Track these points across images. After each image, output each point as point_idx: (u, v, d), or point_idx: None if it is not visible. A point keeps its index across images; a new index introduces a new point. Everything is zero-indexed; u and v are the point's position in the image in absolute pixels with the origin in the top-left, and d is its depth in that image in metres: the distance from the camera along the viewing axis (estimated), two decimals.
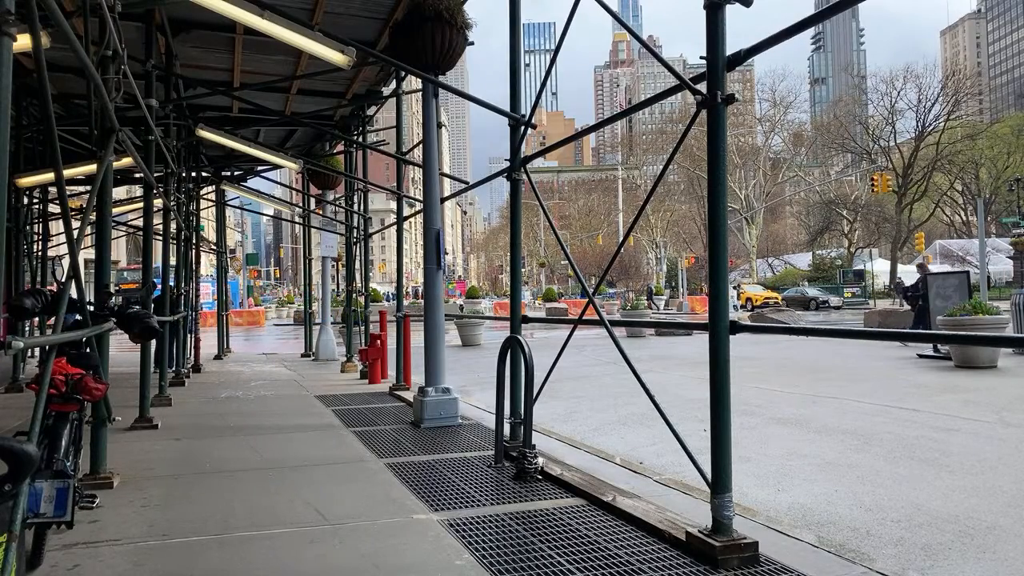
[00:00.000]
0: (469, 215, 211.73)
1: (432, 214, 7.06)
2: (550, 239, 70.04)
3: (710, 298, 3.50)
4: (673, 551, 3.41)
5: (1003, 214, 52.14)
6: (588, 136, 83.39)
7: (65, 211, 3.99)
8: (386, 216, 70.34)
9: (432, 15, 6.42)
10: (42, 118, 9.70)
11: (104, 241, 5.06)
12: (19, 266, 11.17)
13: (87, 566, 3.29)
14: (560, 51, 5.61)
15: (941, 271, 19.24)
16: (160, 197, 8.55)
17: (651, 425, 6.93)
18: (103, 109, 4.70)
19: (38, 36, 2.92)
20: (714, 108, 3.39)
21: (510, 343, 5.30)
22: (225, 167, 15.17)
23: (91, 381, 3.39)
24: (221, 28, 8.29)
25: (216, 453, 5.75)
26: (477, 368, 13.09)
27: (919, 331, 3.32)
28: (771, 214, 68.11)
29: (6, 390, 9.54)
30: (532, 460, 4.80)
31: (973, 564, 3.55)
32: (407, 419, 7.20)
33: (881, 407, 7.94)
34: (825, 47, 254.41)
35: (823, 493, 4.79)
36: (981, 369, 10.85)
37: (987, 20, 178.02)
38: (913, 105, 52.13)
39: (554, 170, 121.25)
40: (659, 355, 15.14)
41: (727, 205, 3.66)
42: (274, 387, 10.15)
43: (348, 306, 13.34)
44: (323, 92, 11.06)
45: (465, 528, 3.78)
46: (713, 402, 3.43)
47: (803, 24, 3.23)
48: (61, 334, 3.56)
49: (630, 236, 27.23)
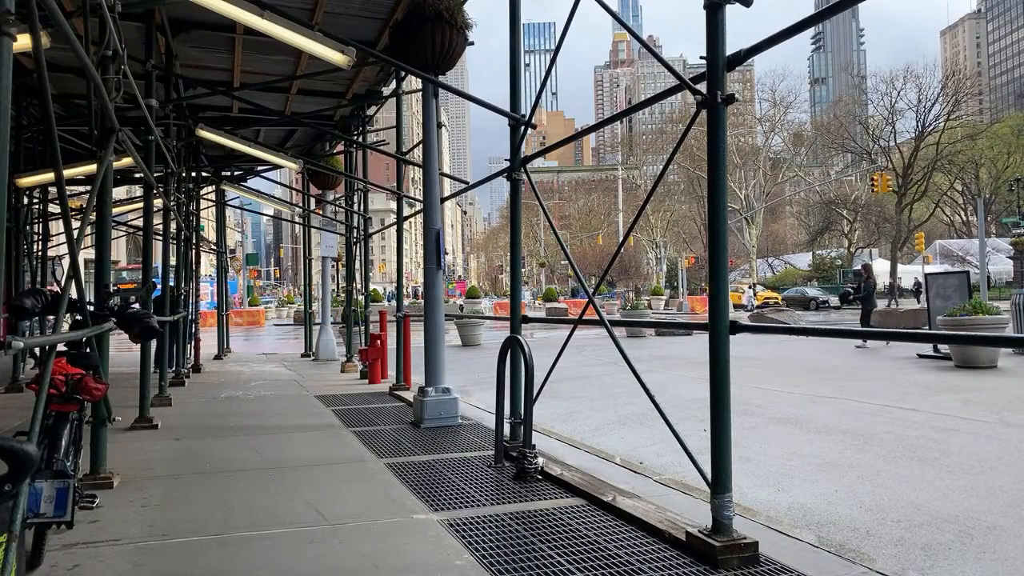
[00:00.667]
0: (469, 215, 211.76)
1: (432, 214, 7.06)
2: (550, 239, 70.04)
3: (710, 298, 3.50)
4: (673, 551, 3.41)
5: (1003, 214, 52.18)
6: (588, 136, 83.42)
7: (65, 211, 3.99)
8: (386, 216, 70.36)
9: (432, 15, 6.42)
10: (42, 118, 9.70)
11: (104, 241, 5.06)
12: (19, 266, 11.17)
13: (87, 566, 3.29)
14: (560, 51, 5.61)
15: (941, 271, 19.24)
16: (160, 197, 8.55)
17: (651, 425, 6.93)
18: (103, 109, 4.70)
19: (38, 36, 2.92)
20: (714, 108, 3.39)
21: (510, 343, 5.30)
22: (225, 167, 15.17)
23: (91, 381, 3.39)
24: (221, 28, 8.29)
25: (216, 453, 5.75)
26: (477, 368, 13.09)
27: (919, 331, 3.32)
28: (771, 214, 68.11)
29: (6, 390, 9.54)
30: (532, 460, 4.80)
31: (973, 564, 3.55)
32: (407, 419, 7.21)
33: (881, 407, 7.95)
34: (825, 47, 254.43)
35: (823, 493, 4.79)
36: (981, 369, 10.85)
37: (987, 20, 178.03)
38: (913, 105, 52.15)
39: (554, 170, 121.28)
40: (659, 355, 15.13)
41: (727, 205, 3.66)
42: (274, 387, 10.16)
43: (348, 306, 13.34)
44: (323, 92, 11.06)
45: (465, 528, 3.78)
46: (713, 402, 3.43)
47: (803, 24, 3.23)
48: (61, 334, 3.56)
49: (630, 236, 27.24)
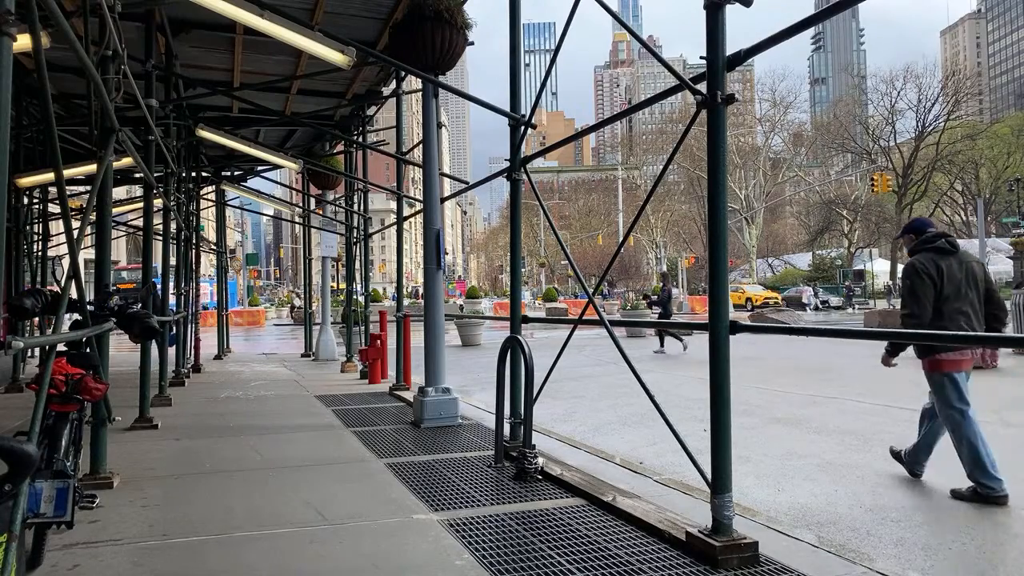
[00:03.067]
0: (469, 215, 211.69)
1: (432, 214, 7.06)
2: (550, 239, 70.02)
3: (710, 298, 3.49)
4: (673, 551, 3.41)
5: (1003, 214, 52.17)
6: (588, 136, 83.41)
7: (65, 211, 3.99)
8: (386, 216, 70.38)
9: (432, 15, 6.42)
10: (42, 118, 9.68)
11: (104, 241, 5.06)
12: (19, 266, 11.16)
13: (87, 566, 3.29)
14: (560, 51, 5.61)
15: None
16: (160, 197, 8.55)
17: (651, 425, 6.93)
18: (103, 109, 4.70)
19: (38, 36, 2.92)
20: (714, 108, 3.39)
21: (510, 343, 5.30)
22: (225, 167, 15.16)
23: (91, 381, 3.39)
24: (221, 28, 8.29)
25: (216, 453, 5.75)
26: (477, 368, 13.09)
27: (919, 331, 3.33)
28: (771, 214, 68.04)
29: (6, 390, 9.54)
30: (532, 460, 4.80)
31: (973, 564, 3.55)
32: (407, 419, 7.21)
33: (881, 407, 7.95)
34: (825, 47, 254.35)
35: (823, 493, 4.79)
36: (981, 369, 10.85)
37: (987, 20, 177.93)
38: (913, 105, 52.21)
39: (554, 170, 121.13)
40: (659, 355, 15.14)
41: (727, 205, 3.66)
42: (274, 387, 10.15)
43: (348, 306, 13.34)
44: (323, 92, 11.06)
45: (465, 528, 3.78)
46: (713, 402, 3.43)
47: (803, 24, 3.22)
48: (61, 334, 3.56)
49: (630, 236, 27.23)
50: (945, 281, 4.76)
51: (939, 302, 4.76)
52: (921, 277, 4.77)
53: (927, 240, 4.95)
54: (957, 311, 4.74)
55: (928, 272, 4.77)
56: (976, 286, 4.84)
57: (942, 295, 4.75)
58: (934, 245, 4.90)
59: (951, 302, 4.75)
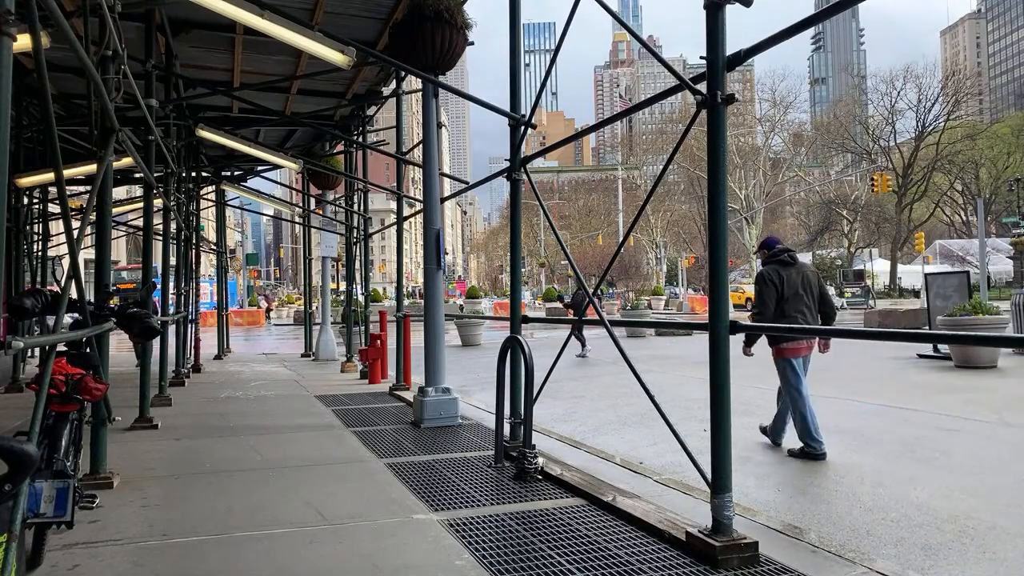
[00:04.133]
0: (469, 215, 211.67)
1: (432, 214, 7.06)
2: (550, 239, 70.01)
3: (710, 298, 3.49)
4: (673, 551, 3.41)
5: (1003, 214, 52.19)
6: (588, 136, 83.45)
7: (65, 211, 3.99)
8: (386, 216, 70.33)
9: (432, 15, 6.42)
10: (42, 118, 9.67)
11: (104, 241, 5.06)
12: (19, 266, 11.17)
13: (87, 566, 3.29)
14: (560, 51, 5.61)
15: (941, 271, 19.24)
16: (160, 197, 8.55)
17: (651, 425, 6.93)
18: (103, 109, 4.69)
19: (38, 36, 2.92)
20: (714, 108, 3.39)
21: (510, 343, 5.30)
22: (225, 167, 15.16)
23: (91, 381, 3.39)
24: (221, 28, 8.29)
25: (216, 453, 5.75)
26: (477, 368, 13.09)
27: (920, 331, 3.33)
28: (771, 214, 67.98)
29: (6, 390, 9.54)
30: (532, 460, 4.80)
31: (973, 564, 3.55)
32: (407, 419, 7.21)
33: (881, 407, 7.95)
34: (825, 47, 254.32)
35: (823, 493, 4.79)
36: (981, 369, 10.85)
37: (987, 20, 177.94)
38: (913, 105, 52.20)
39: (554, 170, 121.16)
40: (659, 355, 15.13)
41: (727, 205, 3.66)
42: (274, 387, 10.15)
43: (348, 306, 13.34)
44: (323, 92, 11.06)
45: (465, 528, 3.78)
46: (713, 402, 3.43)
47: (803, 24, 3.22)
48: (61, 334, 3.56)
49: (630, 236, 27.23)
50: (786, 286, 5.85)
51: (782, 302, 5.85)
52: (767, 284, 5.88)
53: (775, 254, 6.08)
54: (796, 309, 5.86)
55: (772, 280, 5.88)
56: (810, 290, 5.96)
57: (783, 297, 5.85)
58: (779, 258, 6.02)
59: (791, 303, 5.85)
